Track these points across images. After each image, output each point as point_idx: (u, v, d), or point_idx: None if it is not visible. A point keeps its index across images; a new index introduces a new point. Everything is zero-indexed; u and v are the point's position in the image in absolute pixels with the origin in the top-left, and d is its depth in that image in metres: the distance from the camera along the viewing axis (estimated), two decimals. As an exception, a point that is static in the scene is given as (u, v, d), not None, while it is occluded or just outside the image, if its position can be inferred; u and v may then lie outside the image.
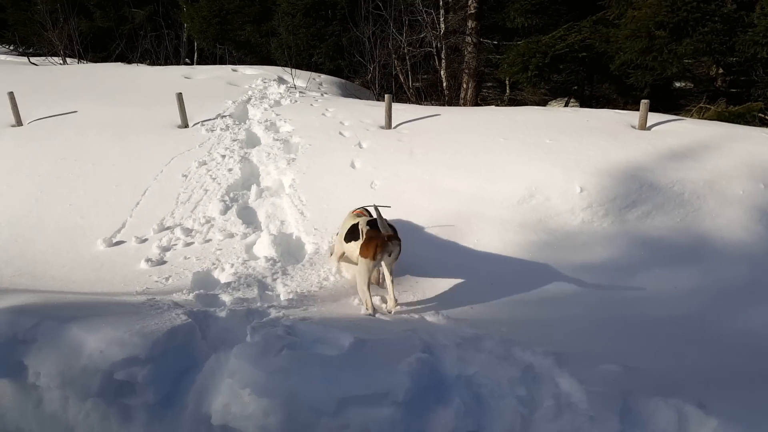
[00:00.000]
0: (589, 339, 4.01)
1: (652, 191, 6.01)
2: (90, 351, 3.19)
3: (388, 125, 7.98)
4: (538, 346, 3.29)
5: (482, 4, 12.66)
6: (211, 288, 5.12)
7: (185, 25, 20.38)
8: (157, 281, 5.25)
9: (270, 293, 5.02)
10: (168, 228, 6.31)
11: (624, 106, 12.67)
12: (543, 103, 16.05)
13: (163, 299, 4.37)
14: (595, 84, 14.30)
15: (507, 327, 4.07)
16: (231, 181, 7.14)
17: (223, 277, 5.36)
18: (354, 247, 4.77)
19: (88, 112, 9.26)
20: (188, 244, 6.01)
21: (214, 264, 5.60)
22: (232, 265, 5.52)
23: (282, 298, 4.85)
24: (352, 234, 4.94)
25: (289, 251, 5.93)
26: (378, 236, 4.40)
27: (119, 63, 17.35)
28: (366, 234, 4.55)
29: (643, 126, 7.17)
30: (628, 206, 5.93)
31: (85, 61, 19.28)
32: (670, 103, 12.41)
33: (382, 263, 4.57)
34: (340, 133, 7.92)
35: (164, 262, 5.69)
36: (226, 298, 4.75)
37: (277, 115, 8.95)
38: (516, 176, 6.27)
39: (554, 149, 6.61)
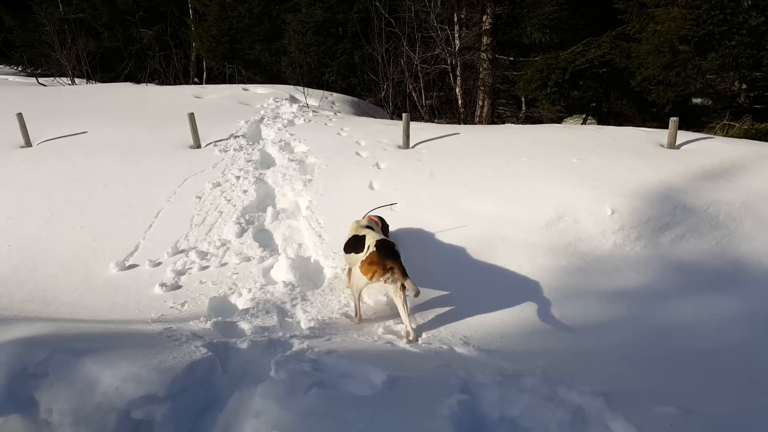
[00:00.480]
0: (633, 374, 3.75)
1: (686, 213, 5.77)
2: (105, 387, 2.97)
3: (406, 145, 7.81)
4: (584, 385, 3.04)
5: (497, 20, 12.55)
6: (228, 314, 4.91)
7: (194, 44, 20.46)
8: (172, 307, 5.03)
9: (290, 320, 4.80)
10: (182, 251, 6.12)
11: (643, 124, 12.46)
12: (558, 120, 15.87)
13: (180, 328, 4.15)
14: (612, 101, 14.13)
15: (544, 360, 3.83)
16: (246, 203, 6.95)
17: (241, 302, 5.14)
18: (353, 259, 4.86)
19: (97, 133, 9.15)
20: (204, 268, 5.81)
21: (231, 289, 5.39)
22: (250, 290, 5.31)
23: (303, 326, 4.63)
24: (354, 245, 4.96)
25: (308, 275, 5.72)
26: (380, 263, 4.45)
27: (128, 83, 17.35)
28: (369, 255, 4.55)
29: (673, 144, 6.95)
30: (661, 229, 5.69)
31: (93, 82, 19.32)
32: (691, 120, 12.19)
33: (389, 289, 4.63)
34: (357, 153, 7.74)
35: (179, 287, 5.48)
36: (245, 326, 4.53)
37: (291, 135, 8.79)
38: (543, 197, 6.04)
39: (582, 169, 6.40)
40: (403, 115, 7.75)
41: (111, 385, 2.96)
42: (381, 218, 5.63)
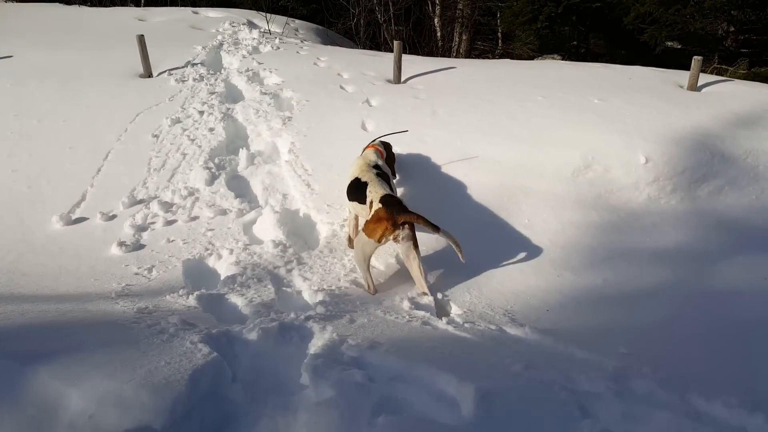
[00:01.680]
0: (737, 362, 3.12)
1: (724, 163, 5.18)
2: (72, 414, 2.06)
3: (398, 79, 6.84)
4: (718, 391, 2.37)
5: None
6: (211, 283, 4.02)
7: (131, -39, 18.15)
8: (137, 273, 4.07)
9: (288, 290, 3.94)
10: (141, 201, 5.09)
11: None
12: (531, 59, 15.12)
13: (158, 308, 3.24)
14: (591, 41, 13.40)
15: (624, 344, 3.16)
16: (214, 143, 5.90)
17: (223, 267, 4.23)
18: (358, 209, 4.26)
19: (26, 58, 7.75)
20: (170, 223, 4.83)
21: (207, 249, 4.46)
22: (231, 251, 4.39)
23: (308, 299, 3.79)
24: (356, 192, 4.27)
25: (298, 233, 4.83)
26: (389, 218, 3.76)
27: (56, 3, 15.17)
28: (376, 212, 3.85)
29: (694, 86, 6.30)
30: (698, 181, 5.09)
31: (12, 1, 16.85)
32: (670, 63, 11.64)
33: (400, 251, 3.96)
34: (342, 87, 6.72)
35: (142, 246, 4.50)
36: (238, 300, 3.64)
37: (259, 63, 7.63)
38: (567, 142, 5.30)
39: (606, 111, 5.66)
40: (395, 43, 6.73)
41: (81, 410, 2.05)
42: (386, 145, 4.83)
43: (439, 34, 11.45)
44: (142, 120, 6.26)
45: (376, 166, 4.43)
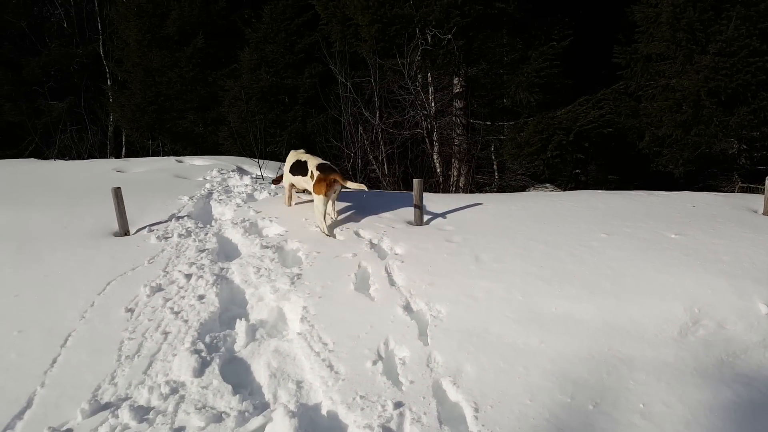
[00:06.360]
0: None
1: None
2: None
3: (420, 220, 5.82)
4: None
5: (470, 83, 11.16)
6: None
7: (111, 116, 18.00)
8: None
9: None
10: (107, 406, 3.73)
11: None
12: (522, 189, 14.63)
13: None
14: (590, 166, 12.88)
15: None
16: (205, 316, 4.65)
17: None
18: (300, 180, 6.14)
19: (-18, 219, 6.64)
20: (145, 440, 3.43)
21: (198, 487, 3.03)
22: (235, 487, 2.97)
23: None
24: (299, 169, 6.15)
25: (323, 441, 3.46)
26: (327, 177, 5.58)
27: (32, 159, 14.59)
28: (317, 176, 5.63)
29: (771, 210, 5.40)
30: (835, 331, 3.93)
31: (-17, 160, 16.30)
32: (680, 186, 11.01)
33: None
34: (356, 234, 5.66)
35: (103, 487, 3.06)
36: None
37: (257, 212, 6.60)
38: (661, 291, 4.16)
39: (693, 248, 4.61)
40: (414, 181, 5.80)
41: None
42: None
43: (439, 170, 10.82)
44: (114, 290, 5.05)
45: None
